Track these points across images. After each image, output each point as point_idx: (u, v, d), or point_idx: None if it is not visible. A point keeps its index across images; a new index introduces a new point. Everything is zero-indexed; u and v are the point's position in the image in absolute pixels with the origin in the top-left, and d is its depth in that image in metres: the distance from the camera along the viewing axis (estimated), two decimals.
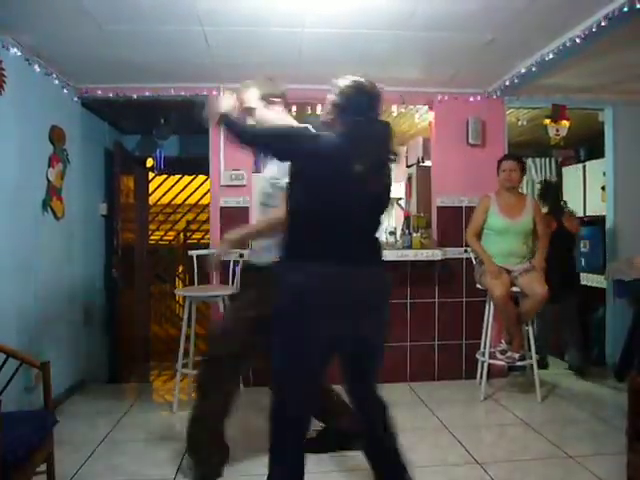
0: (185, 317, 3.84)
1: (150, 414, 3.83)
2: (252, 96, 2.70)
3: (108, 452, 3.11)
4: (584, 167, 6.16)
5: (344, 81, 2.26)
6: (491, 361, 4.09)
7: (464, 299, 4.54)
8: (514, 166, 4.02)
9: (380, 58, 3.74)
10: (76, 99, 4.32)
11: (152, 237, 7.42)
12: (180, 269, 8.31)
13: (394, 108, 4.73)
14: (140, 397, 4.19)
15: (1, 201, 3.18)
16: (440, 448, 3.14)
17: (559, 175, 6.96)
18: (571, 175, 6.49)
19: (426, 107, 4.84)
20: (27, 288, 3.49)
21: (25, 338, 3.33)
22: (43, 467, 2.33)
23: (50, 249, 3.83)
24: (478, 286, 4.13)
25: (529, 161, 6.63)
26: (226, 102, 2.30)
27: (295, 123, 2.60)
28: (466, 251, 4.46)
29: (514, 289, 3.91)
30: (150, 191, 6.82)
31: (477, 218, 4.09)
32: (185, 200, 7.65)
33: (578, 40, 3.17)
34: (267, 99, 2.72)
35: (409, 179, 6.39)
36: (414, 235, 4.39)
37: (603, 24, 2.95)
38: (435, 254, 4.25)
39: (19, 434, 2.06)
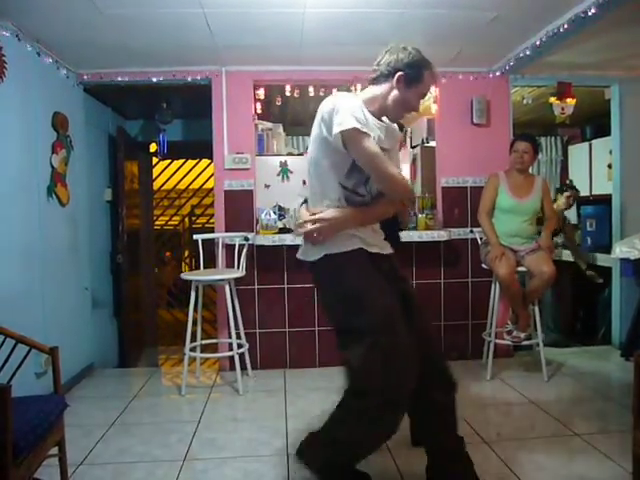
0: (192, 301, 3.86)
1: (159, 398, 3.88)
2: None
3: (118, 435, 3.14)
4: (590, 145, 6.12)
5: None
6: (497, 341, 4.10)
7: (470, 279, 4.54)
8: (527, 148, 3.94)
9: (382, 37, 3.66)
10: (78, 85, 4.30)
11: (157, 222, 7.44)
12: (186, 253, 8.34)
13: None
14: (149, 381, 4.22)
15: (6, 188, 3.19)
16: None
17: (565, 154, 6.92)
18: (577, 154, 6.45)
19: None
20: (34, 274, 3.50)
21: (33, 324, 3.35)
22: (54, 451, 2.36)
23: (56, 235, 3.85)
24: (484, 266, 4.12)
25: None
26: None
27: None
28: (471, 231, 4.45)
29: (520, 269, 3.90)
30: (154, 176, 6.83)
31: (488, 196, 4.03)
32: (189, 185, 7.65)
33: (584, 16, 3.13)
34: None
35: (413, 160, 6.35)
36: (419, 216, 4.37)
37: None
38: (440, 235, 4.24)
39: (30, 419, 2.08)
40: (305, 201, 2.39)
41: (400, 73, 2.21)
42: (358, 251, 2.23)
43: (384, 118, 2.33)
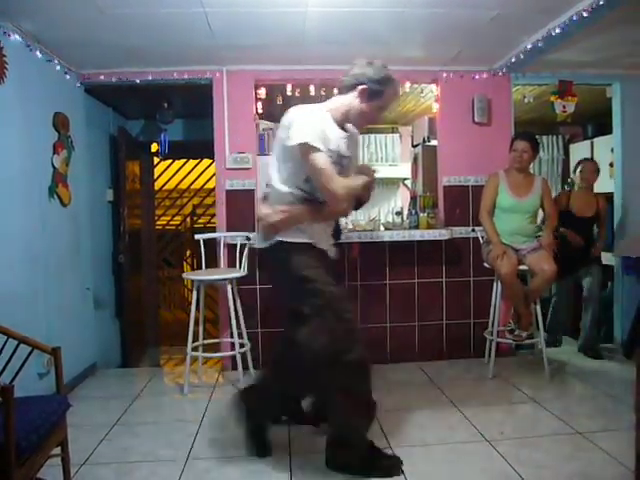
0: (194, 301, 3.87)
1: (162, 397, 3.88)
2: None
3: (121, 435, 3.15)
4: (592, 144, 6.10)
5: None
6: (499, 340, 4.10)
7: (472, 278, 4.54)
8: (526, 147, 3.94)
9: (384, 36, 3.70)
10: (79, 85, 4.30)
11: (159, 222, 7.43)
12: (187, 253, 8.34)
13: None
14: (151, 381, 4.23)
15: (7, 189, 3.19)
16: (449, 426, 3.16)
17: (566, 152, 6.90)
18: (579, 152, 6.43)
19: (431, 86, 4.80)
20: (36, 275, 3.51)
21: (35, 324, 3.35)
22: (57, 451, 2.36)
23: (58, 236, 3.85)
24: (485, 265, 4.12)
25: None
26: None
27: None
28: (473, 230, 4.44)
29: (522, 268, 3.90)
30: (155, 176, 6.82)
31: (489, 196, 4.03)
32: (191, 184, 7.65)
33: (585, 14, 3.12)
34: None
35: (415, 159, 6.36)
36: (421, 215, 4.37)
37: None
38: (442, 234, 4.24)
39: (33, 419, 2.08)
40: (265, 198, 2.68)
41: (363, 86, 2.43)
42: (307, 244, 2.51)
43: (349, 125, 2.56)
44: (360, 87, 2.43)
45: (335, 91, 2.63)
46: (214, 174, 4.58)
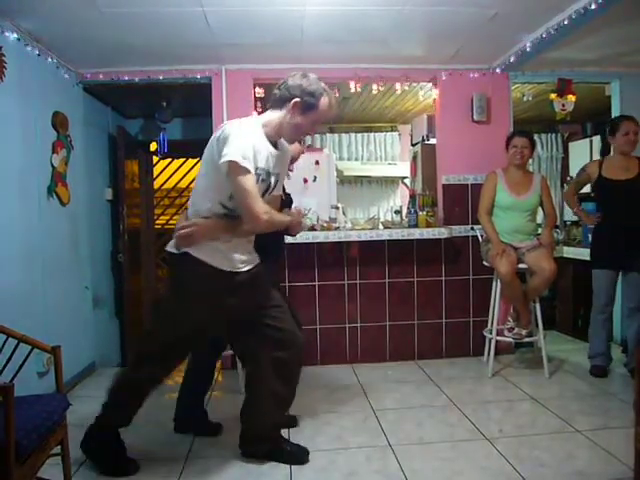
0: None
1: (161, 396, 3.85)
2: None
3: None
4: (591, 142, 6.10)
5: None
6: (499, 338, 4.10)
7: (471, 277, 4.54)
8: (526, 143, 3.94)
9: (383, 35, 3.70)
10: (78, 84, 4.30)
11: (158, 221, 7.42)
12: None
13: (398, 86, 4.67)
14: None
15: (7, 188, 3.19)
16: (448, 424, 3.16)
17: (565, 151, 6.91)
18: (577, 150, 6.43)
19: (430, 84, 4.79)
20: (35, 274, 3.51)
21: (35, 323, 3.34)
22: (57, 450, 2.36)
23: (57, 235, 3.85)
24: (485, 263, 4.12)
25: (534, 137, 6.58)
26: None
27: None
28: (472, 229, 4.45)
29: (521, 266, 3.90)
30: (154, 175, 6.81)
31: (487, 195, 4.03)
32: (190, 183, 7.63)
33: (584, 12, 3.12)
34: None
35: (414, 157, 6.36)
36: (420, 214, 4.37)
37: None
38: (441, 232, 4.24)
39: (33, 418, 2.08)
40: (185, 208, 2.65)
41: (297, 100, 2.37)
42: (212, 270, 2.43)
43: (282, 141, 2.54)
44: (293, 100, 2.38)
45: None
46: None
